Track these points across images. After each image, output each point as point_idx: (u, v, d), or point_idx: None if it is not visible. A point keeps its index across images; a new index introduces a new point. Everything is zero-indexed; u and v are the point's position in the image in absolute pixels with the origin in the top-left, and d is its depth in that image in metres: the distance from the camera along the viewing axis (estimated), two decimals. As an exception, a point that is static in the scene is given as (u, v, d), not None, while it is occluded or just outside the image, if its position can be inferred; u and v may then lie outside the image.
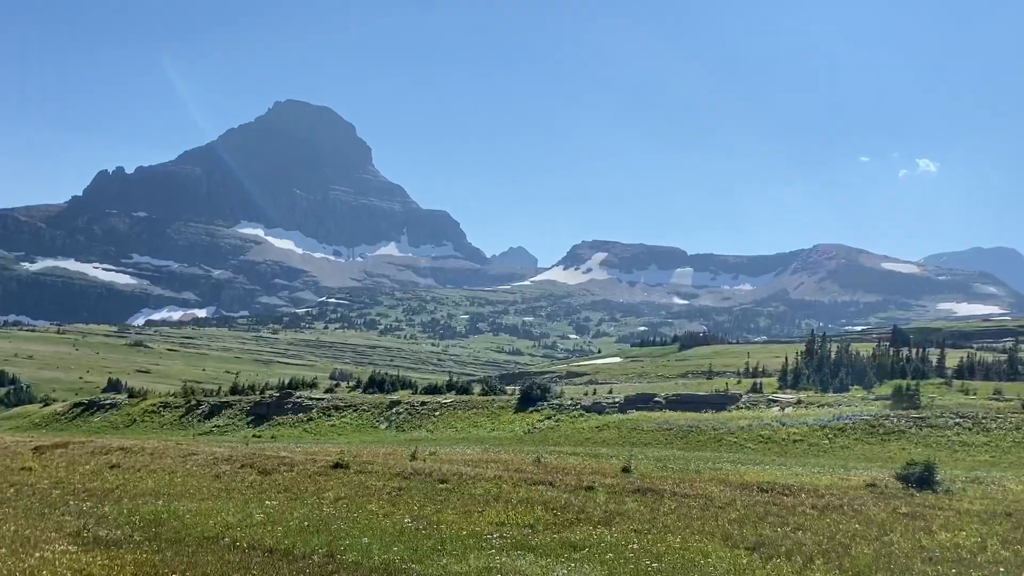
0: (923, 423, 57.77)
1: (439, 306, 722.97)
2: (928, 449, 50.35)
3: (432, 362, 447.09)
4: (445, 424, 78.07)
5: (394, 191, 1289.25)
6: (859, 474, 36.04)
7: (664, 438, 62.56)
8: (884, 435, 56.66)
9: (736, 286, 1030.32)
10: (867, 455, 51.69)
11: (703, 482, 29.70)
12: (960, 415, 58.55)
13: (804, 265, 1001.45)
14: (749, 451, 55.85)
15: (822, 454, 53.71)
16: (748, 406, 75.03)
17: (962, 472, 39.50)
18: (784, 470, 39.29)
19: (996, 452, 50.29)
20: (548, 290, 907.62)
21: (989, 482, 34.13)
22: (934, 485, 29.46)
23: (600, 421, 71.91)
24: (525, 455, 42.91)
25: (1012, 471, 42.05)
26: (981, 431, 54.72)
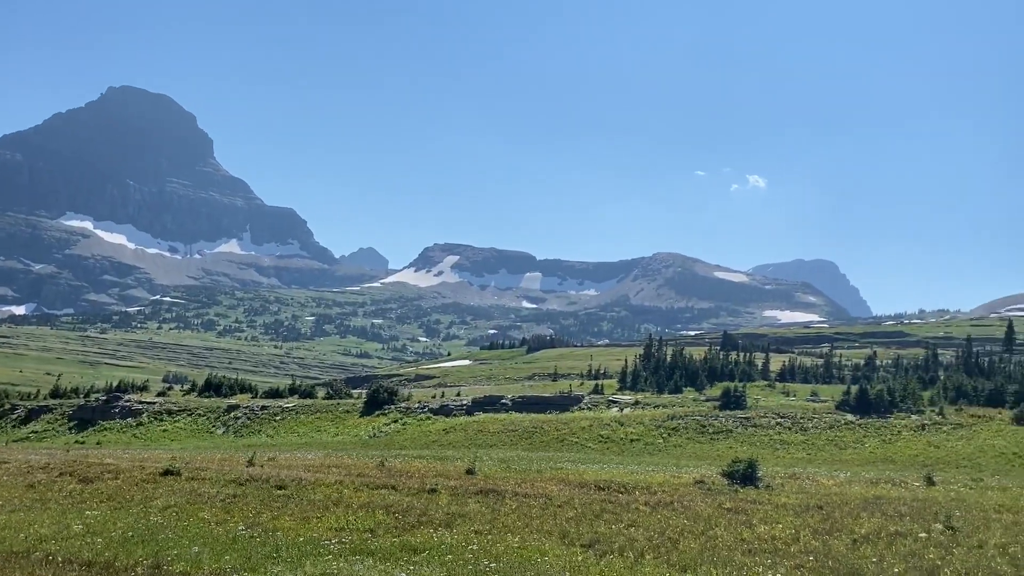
0: (748, 423, 61.54)
1: (283, 307, 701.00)
2: (752, 448, 53.68)
3: (274, 365, 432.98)
4: (287, 429, 75.78)
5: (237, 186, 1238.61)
6: (690, 472, 37.90)
7: (510, 439, 63.45)
8: (713, 434, 59.93)
9: (582, 291, 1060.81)
10: (698, 453, 54.49)
11: (544, 482, 30.33)
12: (781, 416, 62.80)
13: (644, 272, 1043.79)
14: (590, 450, 57.59)
15: (657, 452, 56.16)
16: (590, 407, 77.38)
17: (782, 469, 42.38)
18: (621, 469, 40.76)
19: (812, 450, 54.28)
20: (399, 292, 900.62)
21: (805, 478, 36.78)
22: (756, 481, 31.43)
23: (447, 424, 72.03)
24: (369, 459, 42.32)
25: (825, 467, 45.52)
26: (799, 430, 58.89)
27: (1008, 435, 53.21)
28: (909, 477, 37.68)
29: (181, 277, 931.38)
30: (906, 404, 64.33)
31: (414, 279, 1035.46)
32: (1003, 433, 53.91)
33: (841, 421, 60.16)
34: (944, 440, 53.89)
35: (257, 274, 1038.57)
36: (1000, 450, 50.03)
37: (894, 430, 57.11)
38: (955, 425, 56.98)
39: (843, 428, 58.54)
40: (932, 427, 57.05)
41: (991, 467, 45.79)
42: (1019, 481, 37.49)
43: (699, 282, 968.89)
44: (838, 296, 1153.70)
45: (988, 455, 49.29)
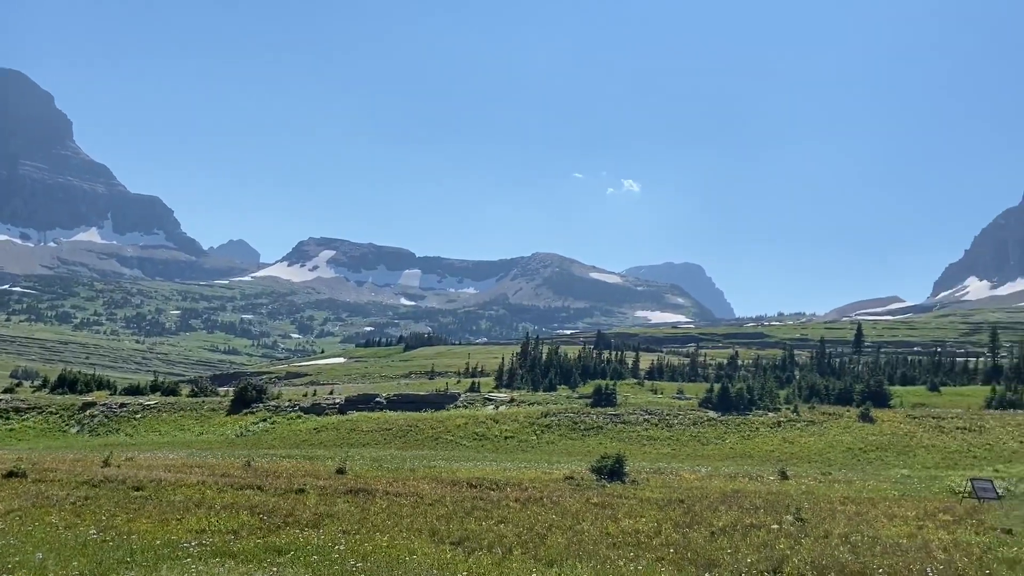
0: (618, 420, 63.29)
1: (146, 300, 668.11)
2: (621, 443, 55.23)
3: (136, 361, 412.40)
4: (148, 428, 72.34)
5: (98, 171, 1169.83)
6: (561, 468, 38.63)
7: (383, 438, 62.83)
8: (585, 431, 61.30)
9: (461, 289, 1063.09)
10: (569, 450, 55.58)
11: (416, 480, 30.21)
12: (649, 413, 64.91)
13: (523, 272, 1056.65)
14: (465, 448, 57.75)
15: (531, 449, 56.92)
16: (466, 405, 77.59)
17: (648, 464, 43.83)
18: (495, 466, 41.09)
19: (676, 445, 56.35)
20: (270, 287, 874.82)
21: (669, 472, 38.17)
22: (623, 476, 32.36)
23: (319, 422, 70.59)
24: (235, 459, 40.95)
25: (688, 462, 47.38)
26: (665, 427, 61.03)
27: (855, 431, 56.90)
28: (765, 471, 39.69)
29: (33, 266, 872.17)
30: (764, 402, 67.71)
31: (287, 273, 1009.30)
32: (850, 430, 57.60)
33: (704, 418, 62.73)
34: (798, 436, 57.06)
35: (119, 265, 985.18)
36: (847, 446, 53.43)
37: (752, 427, 60.01)
38: (808, 422, 60.44)
39: (706, 425, 61.07)
40: (787, 424, 60.29)
41: (839, 462, 48.84)
42: (863, 475, 40.17)
43: (576, 282, 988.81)
44: (704, 298, 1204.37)
45: (837, 450, 52.54)
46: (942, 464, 46.08)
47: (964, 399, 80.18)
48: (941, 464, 46.14)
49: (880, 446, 52.50)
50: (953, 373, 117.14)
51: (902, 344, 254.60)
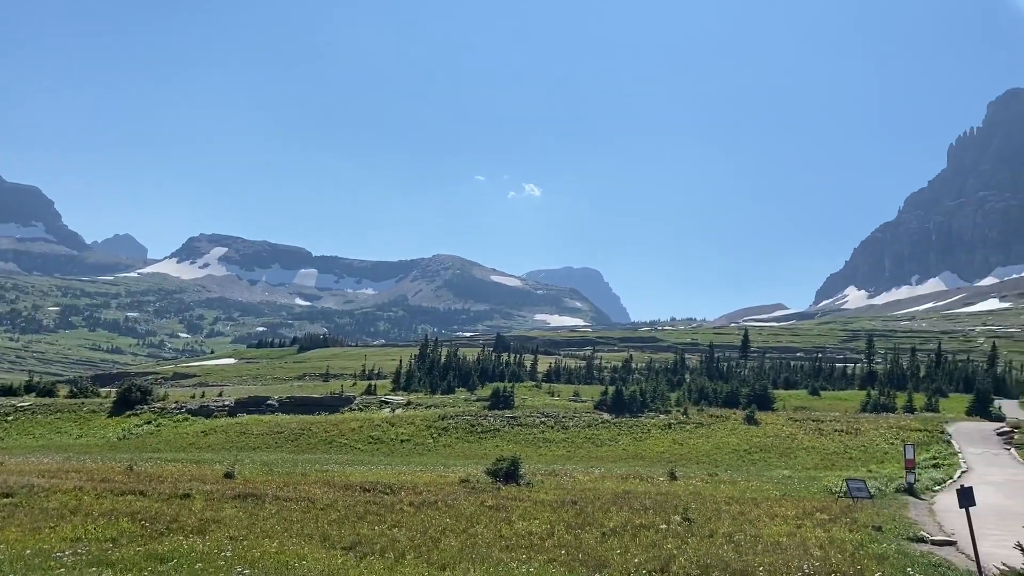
0: (515, 422, 63.74)
1: (22, 295, 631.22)
2: (518, 446, 55.64)
3: (9, 360, 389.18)
4: (21, 430, 68.39)
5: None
6: (457, 471, 38.60)
7: (275, 441, 61.34)
8: (482, 433, 61.46)
9: (359, 290, 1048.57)
10: (466, 453, 55.60)
11: (308, 484, 29.61)
12: (545, 415, 65.63)
13: (424, 273, 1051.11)
14: (359, 452, 56.98)
15: (427, 452, 56.66)
16: (361, 408, 76.58)
17: (543, 466, 44.29)
18: (390, 469, 40.71)
19: (571, 447, 57.17)
20: (158, 284, 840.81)
21: (563, 474, 38.68)
22: (518, 479, 32.60)
23: (207, 425, 68.35)
24: (117, 463, 39.17)
25: (583, 464, 48.15)
26: (561, 429, 61.83)
27: (740, 433, 59.07)
28: (656, 472, 40.73)
29: None
30: (656, 404, 69.50)
31: (176, 270, 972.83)
32: (736, 431, 59.76)
33: (599, 420, 63.89)
34: (687, 438, 58.81)
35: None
36: (733, 447, 55.41)
37: (645, 428, 61.49)
38: (697, 424, 62.38)
39: (600, 427, 62.20)
40: (677, 426, 62.07)
41: (725, 462, 50.59)
42: (747, 475, 41.72)
43: (476, 285, 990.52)
44: (602, 303, 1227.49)
45: (723, 452, 54.41)
46: (821, 465, 48.33)
47: (842, 403, 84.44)
48: (820, 465, 48.38)
49: (764, 447, 54.66)
50: (832, 378, 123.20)
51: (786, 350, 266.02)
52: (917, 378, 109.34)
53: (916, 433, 54.91)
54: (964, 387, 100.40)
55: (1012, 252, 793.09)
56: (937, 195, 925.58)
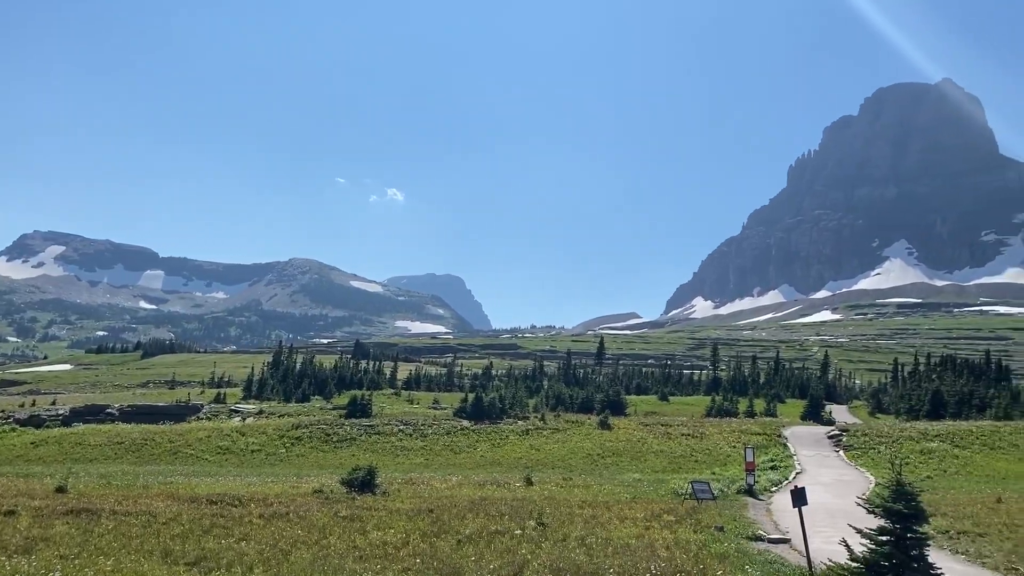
0: (373, 430, 62.77)
1: None
2: (375, 455, 54.83)
3: None
4: None
5: None
6: (310, 481, 37.59)
7: (114, 452, 57.75)
8: (338, 442, 60.15)
9: (210, 293, 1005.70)
10: (321, 462, 54.26)
11: (150, 498, 28.04)
12: (404, 423, 65.01)
13: (279, 277, 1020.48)
14: (207, 463, 54.52)
15: (279, 463, 54.88)
16: (210, 416, 73.38)
17: (400, 474, 43.84)
18: (239, 481, 39.17)
19: (429, 455, 56.88)
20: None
21: (421, 482, 38.43)
22: (374, 488, 32.10)
23: (37, 436, 63.47)
24: (-72, 479, 35.72)
25: (441, 471, 48.01)
26: (419, 436, 61.42)
27: (594, 438, 60.59)
28: (512, 478, 41.14)
29: None
30: (515, 411, 70.27)
31: (6, 269, 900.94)
32: (591, 436, 61.26)
33: (458, 427, 63.91)
34: (544, 443, 59.77)
35: None
36: (588, 452, 56.77)
37: (503, 434, 62.02)
38: (553, 430, 63.51)
39: (459, 434, 62.24)
40: (535, 431, 62.98)
41: (580, 467, 51.76)
42: (600, 479, 42.84)
43: (335, 290, 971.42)
44: (464, 310, 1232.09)
45: (578, 456, 55.64)
46: (669, 468, 50.28)
47: (689, 408, 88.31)
48: (668, 468, 50.33)
49: (616, 452, 56.31)
50: (681, 384, 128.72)
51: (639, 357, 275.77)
52: (758, 384, 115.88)
53: (756, 437, 58.06)
54: (799, 393, 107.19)
55: (843, 268, 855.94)
56: (777, 213, 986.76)
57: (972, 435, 55.26)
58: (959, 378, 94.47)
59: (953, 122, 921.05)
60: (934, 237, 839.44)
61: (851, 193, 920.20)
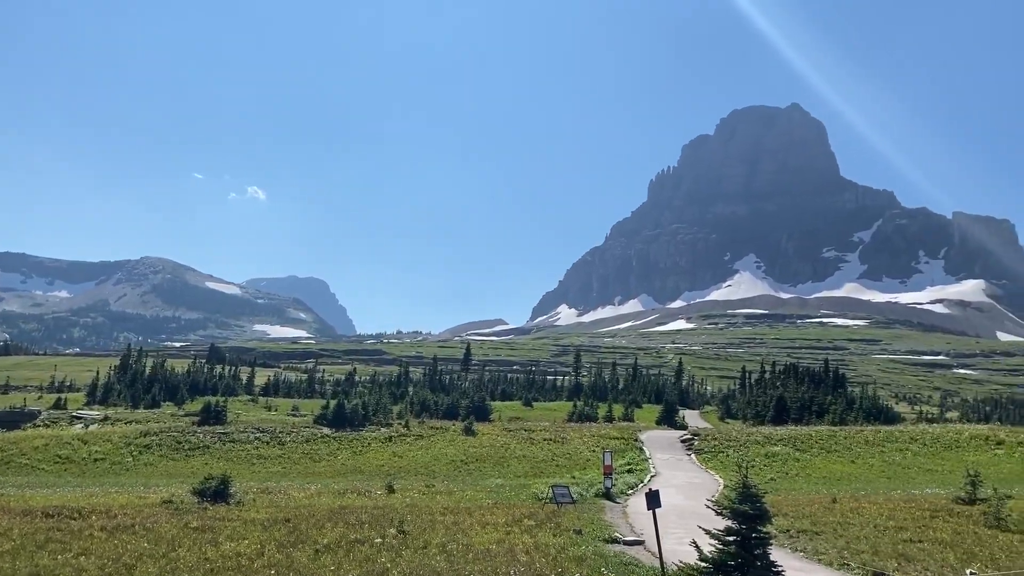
0: (227, 438, 60.40)
1: None
2: (229, 463, 52.76)
3: None
4: None
5: None
6: (159, 491, 35.77)
7: (-66, 464, 52.93)
8: (189, 451, 57.50)
9: (51, 292, 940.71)
10: (171, 471, 51.72)
11: (-25, 513, 25.84)
12: (261, 430, 62.93)
13: (129, 276, 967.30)
14: (44, 473, 50.89)
15: (125, 472, 51.92)
16: (48, 423, 68.62)
17: (256, 483, 42.39)
18: (80, 492, 36.82)
19: (287, 463, 55.30)
20: None
21: (277, 491, 37.27)
22: (228, 498, 30.87)
23: None
24: None
25: (299, 480, 46.77)
26: (277, 444, 59.61)
27: (458, 444, 60.66)
28: (374, 486, 40.57)
29: None
30: (378, 417, 69.37)
31: None
32: (455, 442, 61.29)
33: (318, 434, 62.46)
34: (407, 450, 59.30)
35: None
36: (451, 458, 56.76)
37: (365, 442, 61.10)
38: (417, 436, 63.13)
39: (319, 441, 60.83)
40: (398, 438, 62.38)
41: (443, 473, 51.65)
42: (463, 485, 42.92)
43: (190, 291, 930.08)
44: (327, 314, 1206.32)
45: (441, 462, 55.53)
46: (531, 472, 50.96)
47: (552, 413, 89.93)
48: (530, 473, 51.00)
49: (480, 457, 56.57)
50: (544, 390, 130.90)
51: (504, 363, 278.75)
52: (617, 390, 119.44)
53: (614, 441, 59.75)
54: (655, 399, 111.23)
55: (698, 279, 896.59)
56: (638, 225, 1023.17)
57: (812, 439, 58.93)
58: (801, 385, 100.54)
59: (800, 145, 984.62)
60: (780, 253, 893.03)
61: (706, 209, 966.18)
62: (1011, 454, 54.26)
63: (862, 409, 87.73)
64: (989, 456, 53.80)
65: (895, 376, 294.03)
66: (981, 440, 58.48)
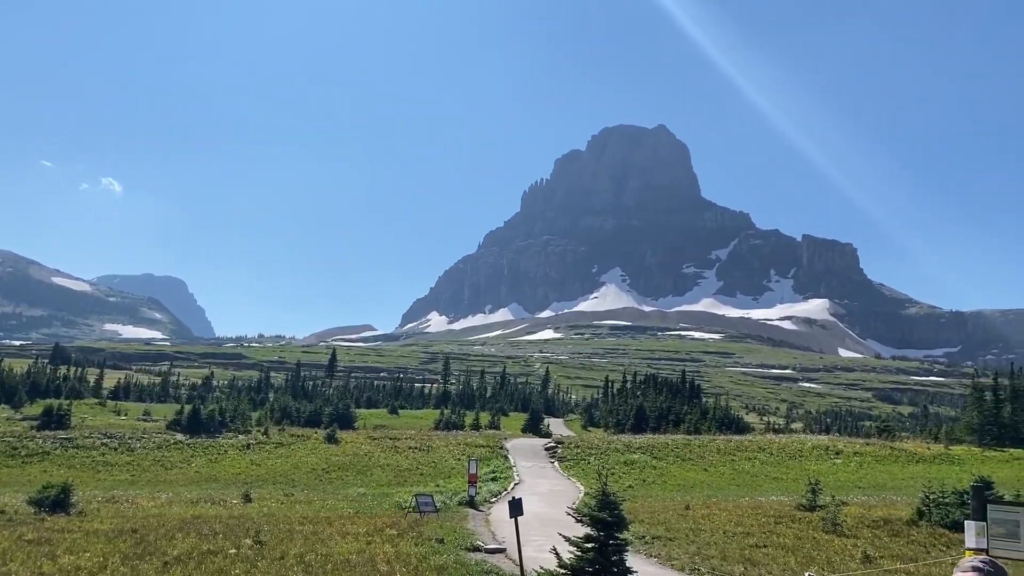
0: (70, 444, 56.76)
1: None
2: (72, 470, 49.56)
3: None
4: None
5: None
6: (-11, 502, 33.13)
7: None
8: (27, 457, 53.68)
9: None
10: (5, 480, 48.04)
11: None
12: (108, 436, 59.48)
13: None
14: None
15: (-50, 481, 47.82)
16: None
17: (101, 492, 39.99)
18: None
19: (137, 471, 52.49)
20: None
21: (124, 500, 35.31)
22: (69, 507, 28.99)
23: None
24: None
25: (148, 488, 44.45)
26: (126, 451, 56.51)
27: (320, 452, 59.35)
28: (230, 495, 39.09)
29: None
30: (236, 424, 66.98)
31: None
32: (317, 450, 59.93)
33: (171, 441, 59.67)
34: (266, 458, 57.49)
35: None
36: (312, 466, 55.45)
37: (221, 449, 58.84)
38: (277, 444, 61.34)
39: (172, 448, 58.11)
40: (257, 446, 60.41)
41: (303, 482, 50.36)
42: (324, 494, 42.02)
43: (34, 286, 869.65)
44: (185, 315, 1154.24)
45: (302, 471, 54.15)
46: (394, 481, 50.43)
47: (418, 421, 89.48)
48: (393, 481, 50.46)
49: (342, 466, 55.52)
50: (411, 397, 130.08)
51: (371, 369, 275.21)
52: (485, 398, 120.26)
53: (480, 449, 60.06)
54: (522, 407, 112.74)
55: (567, 290, 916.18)
56: (511, 235, 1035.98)
57: (668, 448, 61.22)
58: (660, 395, 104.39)
59: (665, 165, 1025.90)
60: (644, 267, 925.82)
61: (576, 222, 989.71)
62: (847, 463, 58.19)
63: (715, 419, 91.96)
64: (828, 465, 57.48)
65: (746, 388, 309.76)
66: (822, 450, 62.44)
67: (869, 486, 48.36)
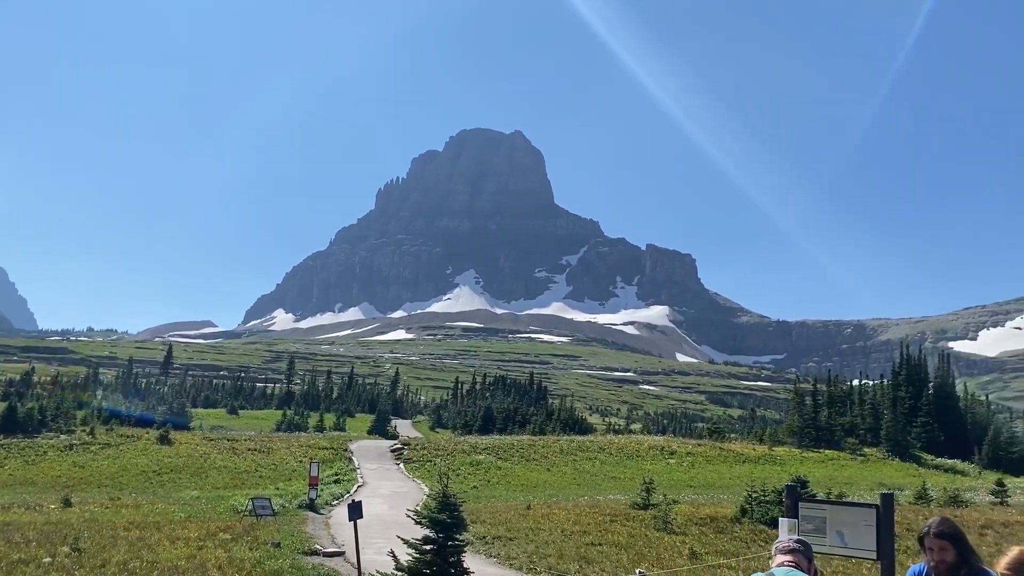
0: None
1: None
2: None
3: None
4: None
5: None
6: None
7: None
8: None
9: None
10: None
11: None
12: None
13: None
14: None
15: None
16: None
17: None
18: None
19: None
20: None
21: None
22: None
23: None
24: None
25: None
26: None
27: (152, 454, 56.34)
28: (48, 499, 36.51)
29: None
30: (59, 423, 62.52)
31: None
32: (148, 452, 56.84)
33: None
34: (91, 460, 54.00)
35: None
36: (143, 468, 52.54)
37: (40, 450, 54.81)
38: (104, 445, 57.73)
39: (-17, 450, 53.52)
40: (81, 447, 56.64)
41: (132, 485, 47.63)
42: (154, 497, 39.94)
43: None
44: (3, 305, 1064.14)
45: (131, 473, 51.20)
46: (231, 484, 48.54)
47: (259, 422, 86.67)
48: (231, 484, 48.56)
49: (175, 468, 52.92)
50: (253, 397, 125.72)
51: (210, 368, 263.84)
52: (330, 399, 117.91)
53: (323, 451, 58.85)
54: (370, 408, 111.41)
55: (420, 290, 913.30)
56: (364, 232, 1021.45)
57: (513, 448, 62.22)
58: (508, 397, 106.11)
59: (521, 171, 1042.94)
60: (498, 270, 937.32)
61: (432, 222, 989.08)
62: (680, 463, 61.14)
63: (560, 420, 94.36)
64: (663, 465, 60.18)
65: (590, 390, 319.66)
66: (658, 450, 65.30)
67: (700, 485, 50.98)
